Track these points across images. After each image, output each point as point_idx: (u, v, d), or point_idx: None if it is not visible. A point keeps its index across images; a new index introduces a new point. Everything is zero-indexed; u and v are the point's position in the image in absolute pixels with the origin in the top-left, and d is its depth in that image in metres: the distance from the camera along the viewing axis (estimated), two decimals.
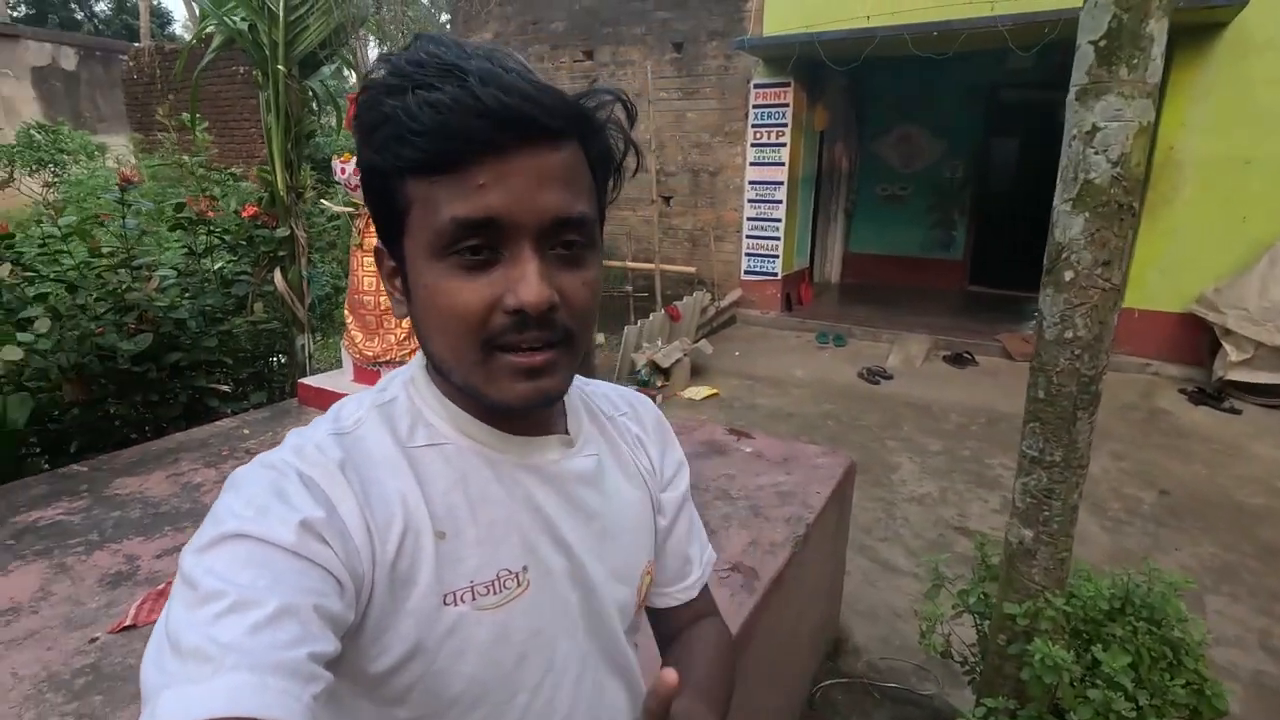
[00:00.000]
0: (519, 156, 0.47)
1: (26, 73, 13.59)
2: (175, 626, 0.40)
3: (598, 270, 0.54)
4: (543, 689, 0.59)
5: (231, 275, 2.76)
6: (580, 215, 0.50)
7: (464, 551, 0.54)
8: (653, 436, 0.73)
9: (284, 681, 0.38)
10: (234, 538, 0.43)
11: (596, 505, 0.63)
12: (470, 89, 0.45)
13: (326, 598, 0.44)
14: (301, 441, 0.52)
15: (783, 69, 6.27)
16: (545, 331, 0.50)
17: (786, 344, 6.41)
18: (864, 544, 2.99)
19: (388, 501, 0.51)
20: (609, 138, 0.55)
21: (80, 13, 26.26)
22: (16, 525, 1.72)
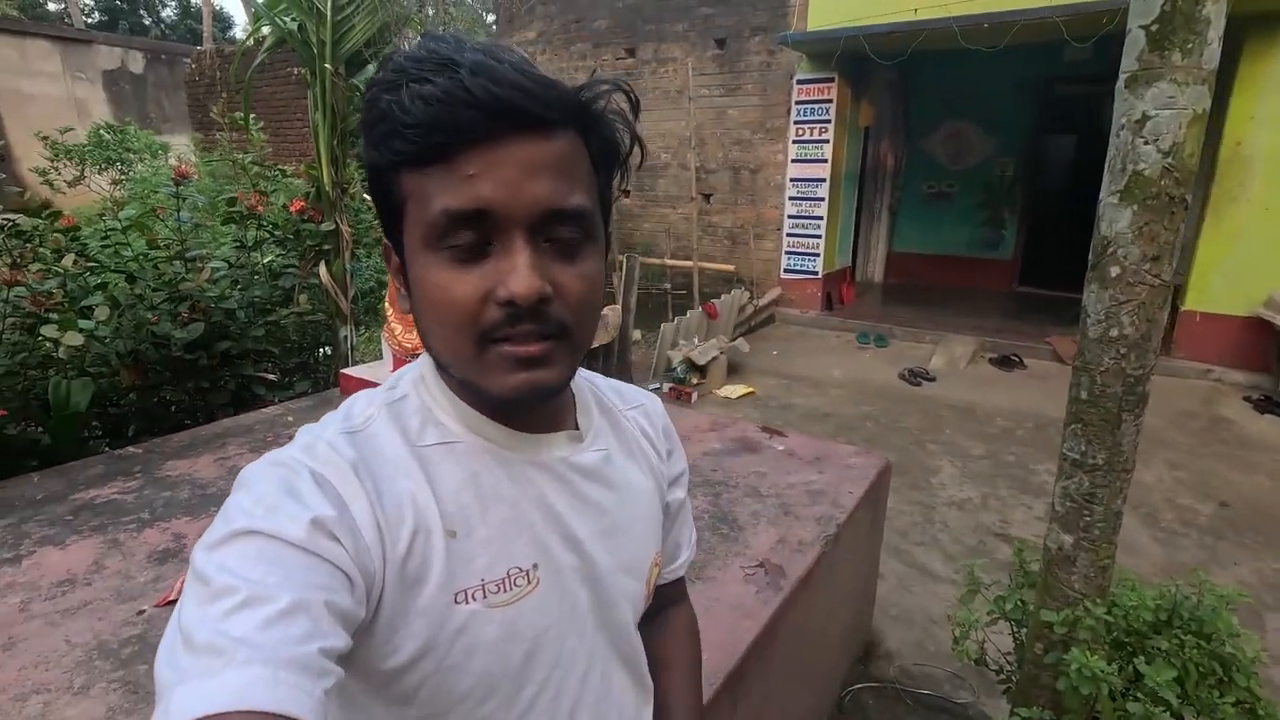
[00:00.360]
0: (509, 146, 0.46)
1: (98, 76, 14.30)
2: (188, 622, 0.40)
3: (597, 263, 0.54)
4: (550, 682, 0.59)
5: (279, 268, 2.85)
6: (575, 207, 0.50)
7: (475, 550, 0.54)
8: (661, 436, 0.74)
9: (295, 676, 0.39)
10: (245, 534, 0.44)
11: (606, 500, 0.63)
12: (460, 80, 0.45)
13: (337, 594, 0.44)
14: (312, 439, 0.52)
15: (826, 64, 6.18)
16: (538, 324, 0.49)
17: (826, 344, 6.32)
18: (900, 548, 2.93)
19: (398, 501, 0.51)
20: (611, 129, 0.54)
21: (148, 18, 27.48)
22: (76, 502, 1.81)
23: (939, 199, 8.20)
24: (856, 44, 5.58)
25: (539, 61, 8.05)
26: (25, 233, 2.27)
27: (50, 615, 1.35)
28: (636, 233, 7.89)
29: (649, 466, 0.70)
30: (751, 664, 1.33)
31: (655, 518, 0.70)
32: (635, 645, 0.70)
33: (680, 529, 0.78)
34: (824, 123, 6.42)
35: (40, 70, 13.44)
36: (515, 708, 0.57)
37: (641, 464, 0.69)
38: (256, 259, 2.82)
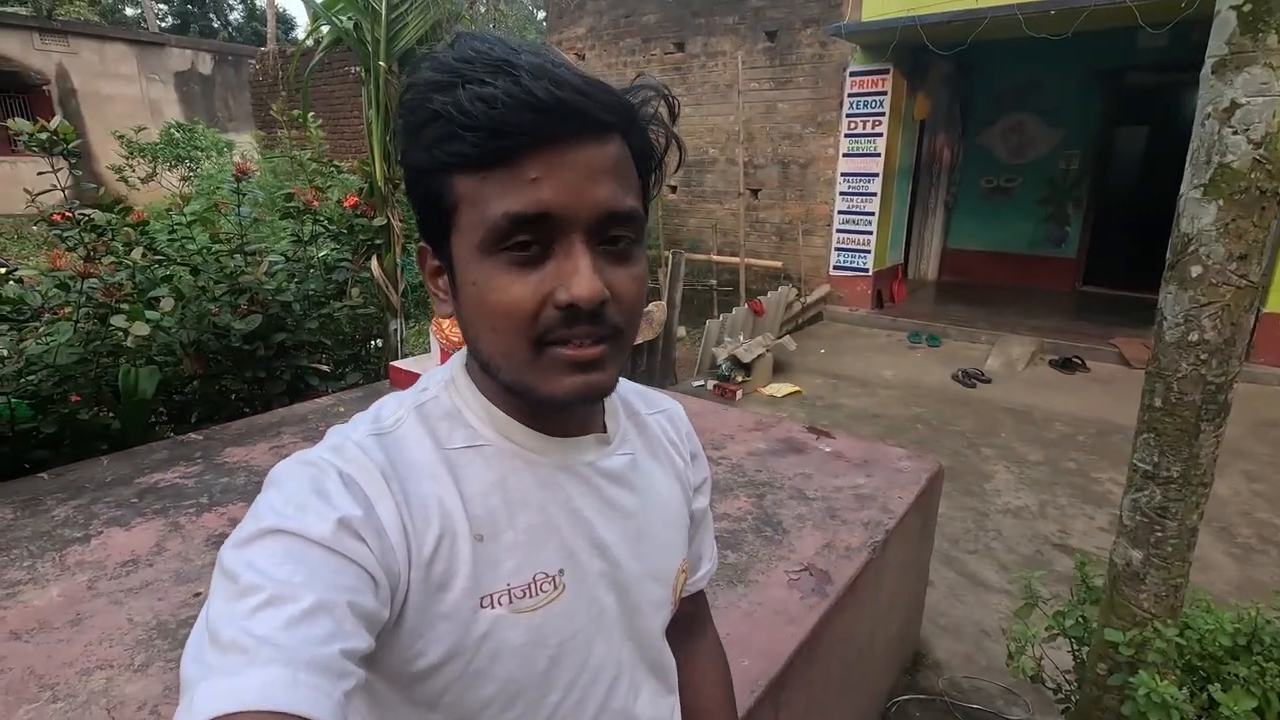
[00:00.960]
0: (571, 150, 0.46)
1: (170, 77, 15.01)
2: (215, 619, 0.40)
3: (645, 265, 0.54)
4: (575, 688, 0.58)
5: (333, 262, 2.92)
6: (630, 209, 0.50)
7: (501, 554, 0.54)
8: (685, 442, 0.73)
9: (315, 677, 0.39)
10: (273, 533, 0.44)
11: (632, 504, 0.62)
12: (522, 83, 0.44)
13: (361, 595, 0.44)
14: (341, 440, 0.53)
15: (881, 55, 6.01)
16: (596, 327, 0.49)
17: (875, 343, 6.17)
18: (951, 555, 2.83)
19: (425, 503, 0.51)
20: (651, 133, 0.54)
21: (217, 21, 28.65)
22: (141, 485, 1.89)
23: (998, 194, 7.91)
24: (913, 34, 5.41)
25: (588, 58, 8.08)
26: (99, 227, 2.39)
27: (115, 594, 1.41)
28: (683, 228, 7.84)
29: (675, 472, 0.69)
30: (794, 672, 1.30)
31: (681, 524, 0.69)
32: (664, 653, 0.70)
33: (702, 540, 0.77)
34: (877, 116, 6.26)
35: (118, 73, 14.18)
36: (540, 713, 0.56)
37: (667, 469, 0.69)
38: (312, 253, 2.90)
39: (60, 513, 1.73)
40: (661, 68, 7.57)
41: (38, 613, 1.35)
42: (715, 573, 1.46)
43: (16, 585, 1.43)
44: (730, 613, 1.38)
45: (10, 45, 12.66)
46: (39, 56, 13.03)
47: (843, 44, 6.24)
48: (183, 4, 27.39)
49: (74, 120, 13.32)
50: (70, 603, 1.38)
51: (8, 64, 12.59)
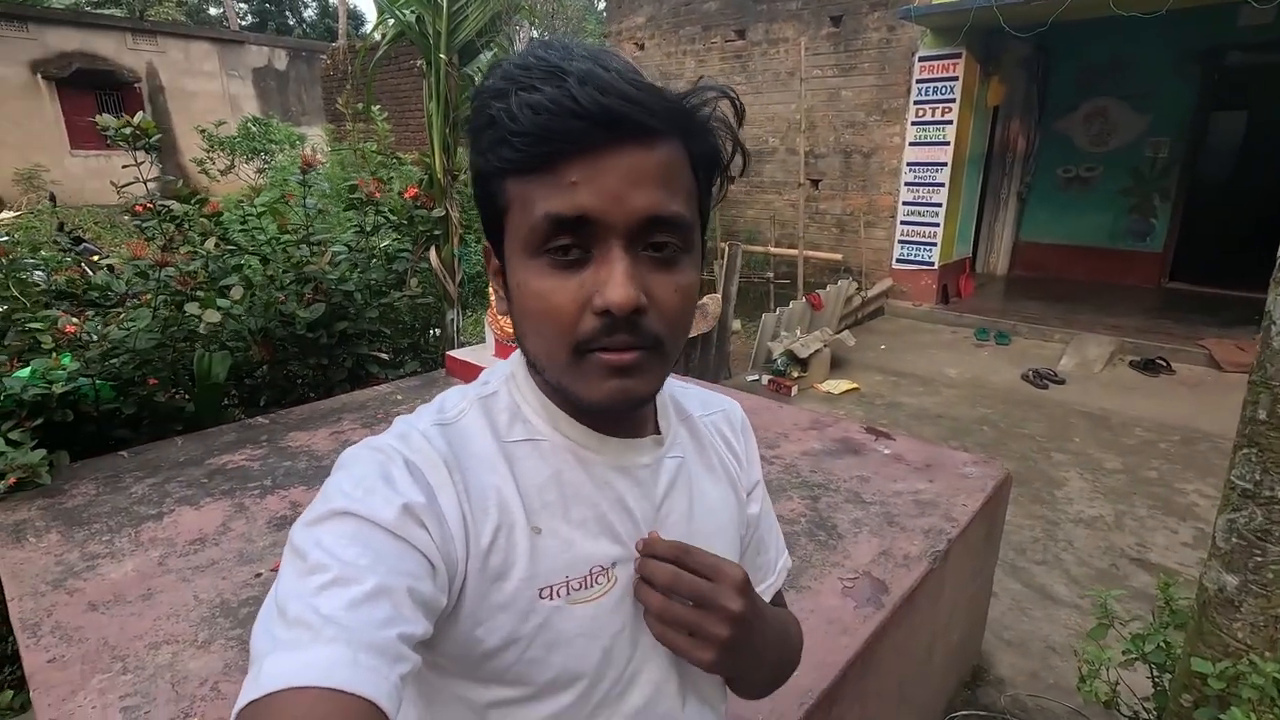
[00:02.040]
0: (613, 155, 0.46)
1: (248, 73, 15.69)
2: (284, 594, 0.43)
3: (693, 275, 0.53)
4: (623, 679, 0.59)
5: (394, 252, 2.99)
6: (674, 215, 0.49)
7: (559, 547, 0.55)
8: (741, 443, 0.72)
9: (374, 659, 0.40)
10: (341, 515, 0.46)
11: (681, 510, 0.62)
12: (568, 89, 0.45)
13: (420, 581, 0.46)
14: (408, 429, 0.55)
15: (953, 39, 5.75)
16: (633, 335, 0.49)
17: (940, 339, 5.94)
18: (1016, 565, 2.70)
19: (484, 494, 0.53)
20: (713, 137, 0.53)
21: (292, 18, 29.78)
22: (211, 466, 1.98)
23: (1076, 184, 7.48)
24: (989, 15, 5.15)
25: (647, 47, 8.02)
26: (177, 218, 2.50)
27: (183, 571, 1.47)
28: (740, 220, 7.72)
29: (729, 478, 0.68)
30: (848, 684, 1.25)
31: (734, 531, 0.68)
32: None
33: (764, 550, 0.74)
34: (947, 102, 5.99)
35: (201, 70, 14.91)
36: (590, 702, 0.57)
37: (719, 474, 0.68)
38: (374, 243, 2.96)
39: (137, 490, 1.82)
40: (721, 56, 7.45)
41: (113, 585, 1.42)
42: None
43: (96, 558, 1.51)
44: None
45: (106, 45, 13.48)
46: (131, 56, 13.83)
47: (911, 28, 6.00)
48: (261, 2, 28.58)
49: (161, 116, 14.12)
50: (143, 578, 1.44)
51: (104, 63, 13.41)
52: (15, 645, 1.94)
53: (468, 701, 0.56)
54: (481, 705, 0.56)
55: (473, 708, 0.56)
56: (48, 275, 2.54)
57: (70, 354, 1.99)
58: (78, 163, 12.99)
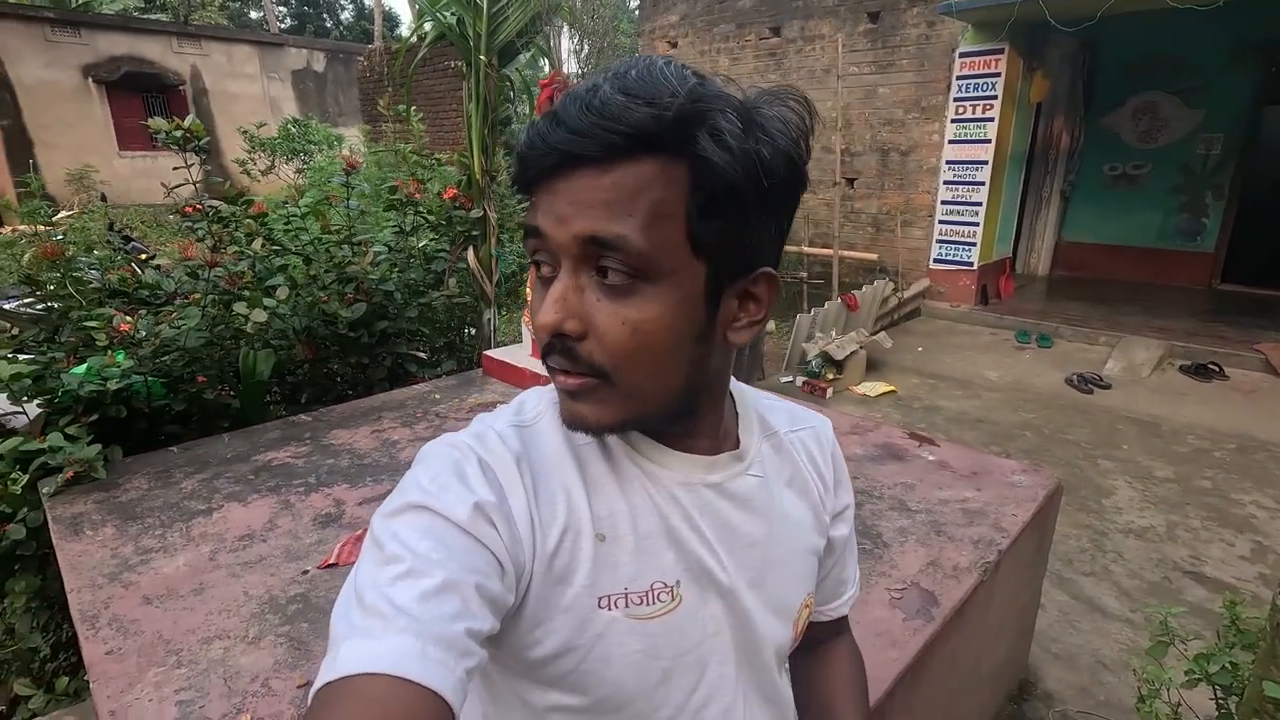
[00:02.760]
0: (563, 179, 0.47)
1: (288, 75, 16.02)
2: (362, 582, 0.44)
3: (655, 310, 0.47)
4: (688, 708, 0.58)
5: (432, 252, 3.01)
6: (614, 237, 0.45)
7: (622, 557, 0.54)
8: (828, 463, 0.69)
9: (441, 652, 0.41)
10: (417, 509, 0.47)
11: (758, 532, 0.60)
12: (550, 120, 0.47)
13: (489, 578, 0.47)
14: (484, 429, 0.56)
15: (996, 34, 5.61)
16: (566, 359, 0.49)
17: (979, 341, 5.81)
18: (1064, 576, 2.62)
19: (553, 498, 0.53)
20: (715, 156, 0.46)
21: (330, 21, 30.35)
22: (257, 463, 2.01)
23: (1123, 182, 7.25)
24: (1033, 9, 5.01)
25: (680, 45, 7.98)
26: (225, 219, 2.55)
27: (232, 567, 1.50)
28: None
29: (810, 500, 0.66)
30: (895, 701, 1.22)
31: (810, 555, 0.66)
32: (778, 687, 0.67)
33: (844, 566, 0.73)
34: (989, 99, 5.85)
35: (243, 72, 15.27)
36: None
37: (801, 495, 0.65)
38: (413, 243, 2.99)
39: (187, 485, 1.86)
40: (756, 54, 7.39)
41: (166, 580, 1.45)
42: None
43: (149, 552, 1.55)
44: None
45: (153, 49, 13.88)
46: (176, 59, 14.22)
47: (952, 23, 5.87)
48: (300, 5, 29.18)
49: (205, 118, 14.50)
50: (194, 572, 1.47)
51: (150, 67, 13.81)
52: (69, 633, 2.00)
53: (528, 704, 0.56)
54: (541, 709, 0.56)
55: (533, 710, 0.56)
56: (101, 274, 2.62)
57: (124, 351, 2.05)
58: (125, 163, 13.41)
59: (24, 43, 12.35)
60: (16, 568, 1.98)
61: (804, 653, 0.73)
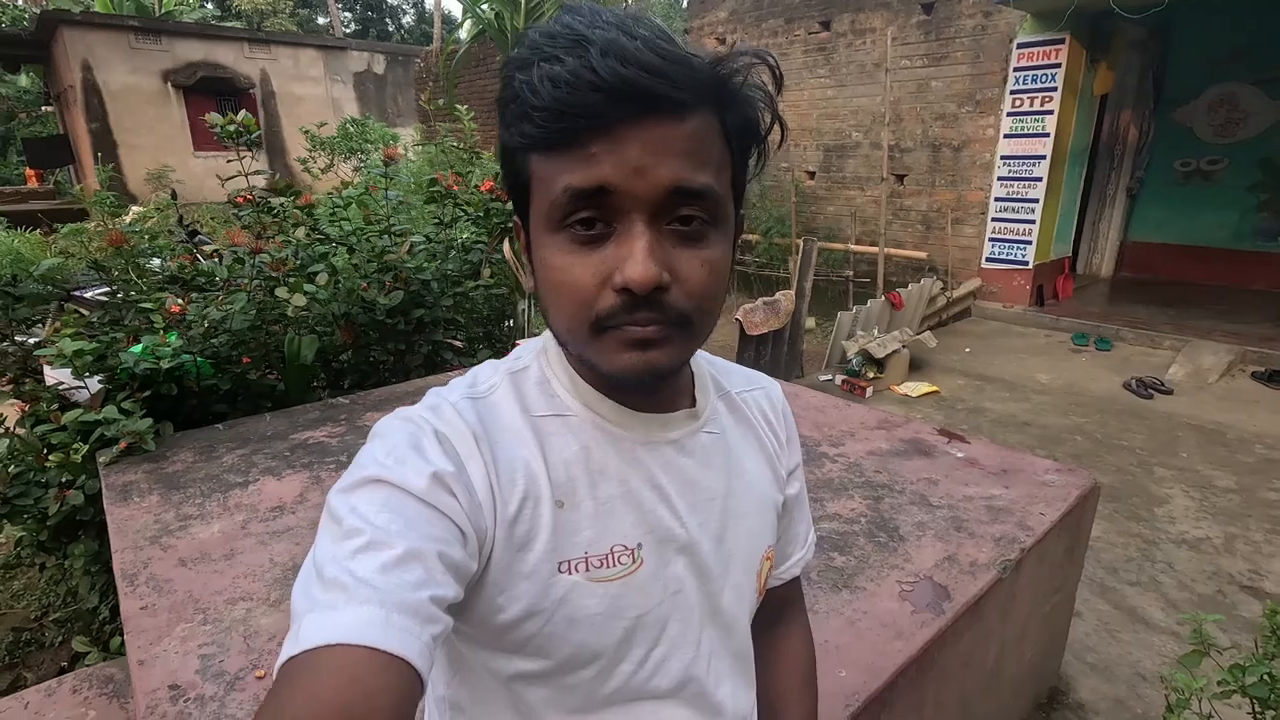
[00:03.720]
0: (635, 127, 0.45)
1: (350, 77, 16.59)
2: (321, 557, 0.44)
3: (722, 249, 0.51)
4: (648, 662, 0.59)
5: (470, 243, 3.09)
6: (701, 187, 0.47)
7: (581, 522, 0.55)
8: (780, 421, 0.70)
9: (406, 619, 0.41)
10: (374, 482, 0.47)
11: (718, 486, 0.61)
12: (589, 61, 0.43)
13: (450, 546, 0.47)
14: (439, 401, 0.55)
15: (1056, 23, 5.38)
16: (655, 313, 0.48)
17: (1032, 343, 5.59)
18: (1107, 585, 2.51)
19: (512, 465, 0.53)
20: (749, 106, 0.51)
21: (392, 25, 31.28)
22: (294, 441, 2.11)
23: (1196, 179, 6.86)
24: None
25: (729, 41, 7.93)
26: (273, 208, 2.67)
27: (262, 535, 1.58)
28: (820, 216, 7.53)
29: (766, 454, 0.67)
30: (900, 691, 1.20)
31: (770, 509, 0.67)
32: (746, 644, 0.68)
33: (795, 525, 0.74)
34: (1048, 91, 5.62)
35: (308, 75, 15.89)
36: (613, 680, 0.57)
37: (758, 450, 0.66)
38: (453, 235, 3.07)
39: (228, 460, 1.96)
40: (805, 49, 7.28)
41: (201, 545, 1.53)
42: (818, 576, 1.37)
43: (189, 519, 1.64)
44: (831, 619, 1.30)
45: (226, 55, 14.59)
46: (248, 64, 14.91)
47: (1010, 13, 5.67)
48: (364, 11, 30.20)
49: (272, 119, 15.16)
50: (226, 539, 1.56)
51: (223, 71, 14.52)
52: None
53: (493, 671, 0.57)
54: (505, 677, 0.57)
55: (497, 678, 0.57)
56: (163, 262, 2.78)
57: (175, 332, 2.17)
58: (199, 163, 14.13)
59: (111, 50, 13.16)
60: (80, 534, 2.12)
61: (755, 637, 0.73)
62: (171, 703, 1.10)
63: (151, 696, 1.11)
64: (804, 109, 7.41)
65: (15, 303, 2.36)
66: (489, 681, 0.58)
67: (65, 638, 2.41)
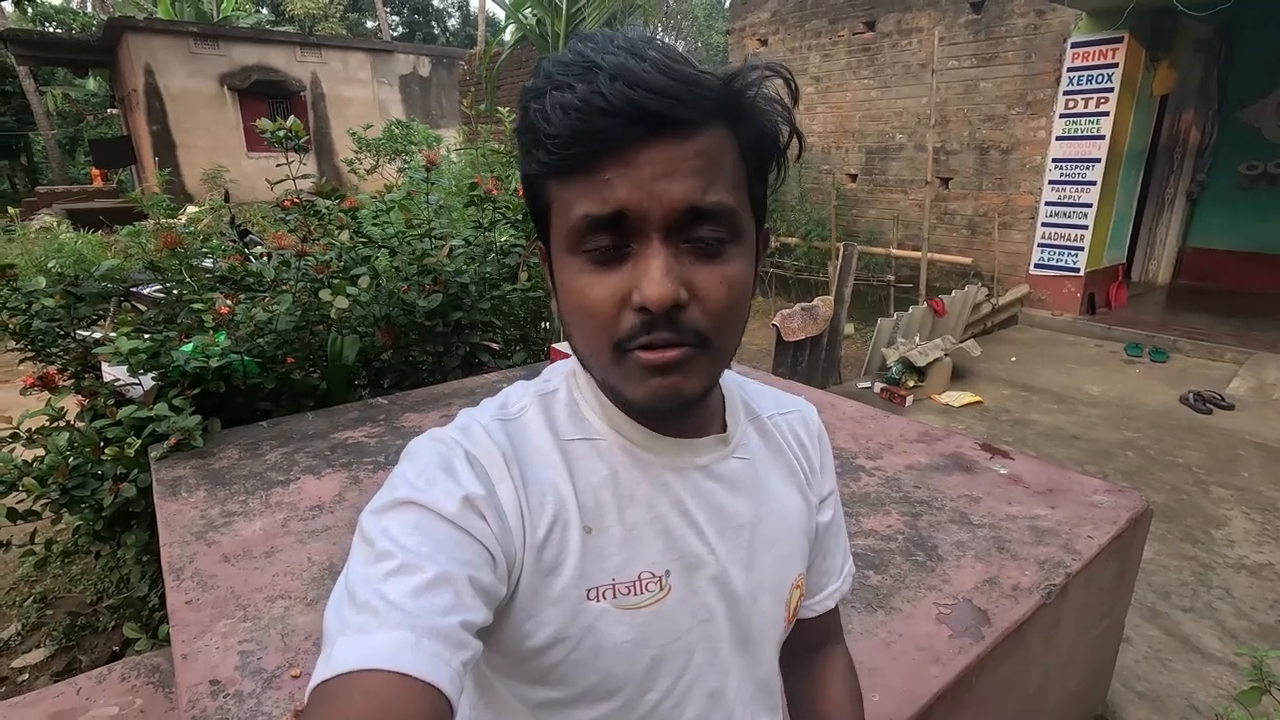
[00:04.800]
0: (647, 149, 0.45)
1: (396, 80, 16.94)
2: (353, 579, 0.45)
3: (742, 265, 0.51)
4: (674, 692, 0.58)
5: (508, 247, 3.12)
6: (714, 205, 0.47)
7: (609, 548, 0.54)
8: (815, 445, 0.69)
9: (436, 644, 0.41)
10: (405, 504, 0.47)
11: (747, 512, 0.60)
12: (598, 87, 0.44)
13: (480, 570, 0.47)
14: (469, 422, 0.56)
15: (1114, 21, 5.19)
16: (673, 333, 0.48)
17: (1082, 353, 5.40)
18: (1158, 610, 2.40)
19: (541, 489, 0.53)
20: (765, 120, 0.51)
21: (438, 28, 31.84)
22: (334, 440, 2.15)
23: (1263, 182, 6.54)
24: None
25: (771, 43, 7.86)
26: (319, 212, 2.74)
27: (301, 534, 1.61)
28: (861, 219, 7.40)
29: (797, 481, 0.66)
30: (936, 718, 1.16)
31: (801, 536, 0.65)
32: (773, 673, 0.67)
33: (829, 555, 0.72)
34: (1104, 92, 5.42)
35: (356, 78, 16.28)
36: (638, 710, 0.56)
37: (789, 477, 0.65)
38: (491, 238, 3.11)
39: (271, 457, 2.02)
40: (848, 49, 7.17)
41: (244, 541, 1.58)
42: (853, 595, 1.34)
43: (232, 515, 1.69)
44: (865, 640, 1.27)
45: (279, 59, 15.04)
46: (299, 67, 15.34)
47: (1064, 12, 5.48)
48: (411, 14, 30.81)
49: (321, 121, 15.57)
50: (267, 536, 1.60)
51: (276, 74, 14.97)
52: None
53: (519, 698, 0.57)
54: (532, 704, 0.56)
55: (524, 703, 0.57)
56: (215, 263, 2.87)
57: (224, 332, 2.24)
58: (252, 164, 14.59)
59: (171, 55, 13.69)
60: (132, 524, 2.21)
61: (794, 665, 0.72)
62: (211, 697, 1.13)
63: (193, 690, 1.15)
64: (846, 110, 7.29)
65: (77, 302, 2.46)
66: (515, 707, 0.58)
67: (117, 623, 2.51)
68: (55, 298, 2.39)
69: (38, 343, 2.44)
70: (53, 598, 2.75)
